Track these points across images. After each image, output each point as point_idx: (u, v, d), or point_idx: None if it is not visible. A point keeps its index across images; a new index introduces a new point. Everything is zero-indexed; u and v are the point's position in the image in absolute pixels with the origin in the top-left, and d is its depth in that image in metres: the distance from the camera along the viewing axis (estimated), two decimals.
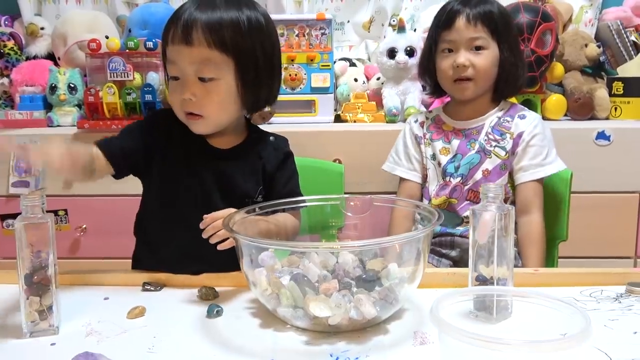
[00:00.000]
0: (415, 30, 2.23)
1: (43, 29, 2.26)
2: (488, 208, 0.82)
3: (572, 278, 0.98)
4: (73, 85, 2.00)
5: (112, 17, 2.30)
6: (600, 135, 1.77)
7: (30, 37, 2.26)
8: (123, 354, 0.75)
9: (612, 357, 0.72)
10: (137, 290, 0.99)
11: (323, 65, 1.96)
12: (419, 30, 2.18)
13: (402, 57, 1.95)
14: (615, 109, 2.00)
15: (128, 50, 1.92)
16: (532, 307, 0.74)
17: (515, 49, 1.41)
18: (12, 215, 1.85)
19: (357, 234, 1.05)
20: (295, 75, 1.94)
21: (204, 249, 0.95)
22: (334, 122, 1.99)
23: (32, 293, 0.80)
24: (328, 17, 1.97)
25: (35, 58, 2.22)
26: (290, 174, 1.19)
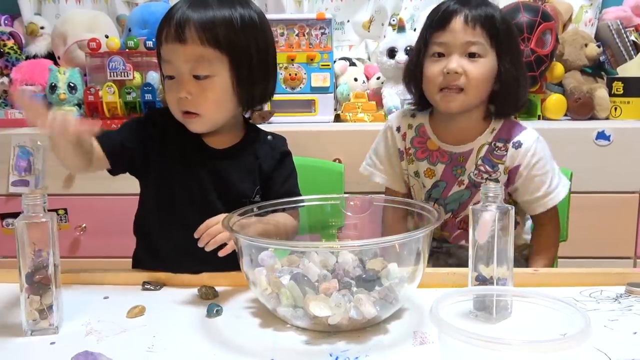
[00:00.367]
0: (415, 30, 2.23)
1: (43, 29, 2.26)
2: (488, 208, 0.82)
3: (572, 278, 0.98)
4: (73, 85, 2.00)
5: (112, 16, 2.30)
6: (600, 135, 1.77)
7: (30, 36, 2.26)
8: (123, 353, 0.75)
9: (611, 357, 0.72)
10: (137, 290, 0.99)
11: (323, 65, 1.96)
12: (419, 30, 2.17)
13: (402, 56, 1.95)
14: (615, 109, 2.00)
15: (128, 50, 1.92)
16: (531, 307, 0.74)
17: (517, 62, 1.23)
18: (12, 215, 1.85)
19: (357, 234, 1.05)
20: (295, 75, 1.94)
21: (204, 249, 0.95)
22: (334, 121, 2.00)
23: (32, 292, 0.80)
24: (328, 16, 1.97)
25: (35, 57, 2.22)
26: (288, 174, 1.19)
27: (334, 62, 2.10)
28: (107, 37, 2.05)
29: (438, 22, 1.22)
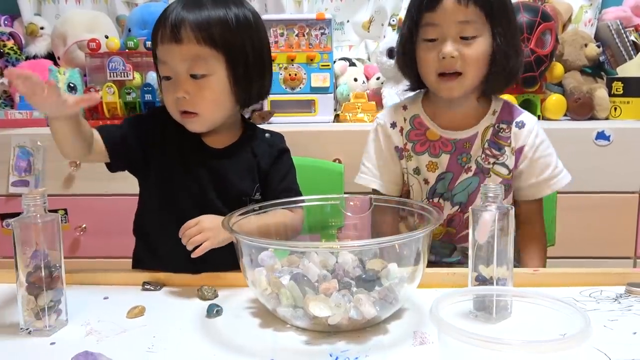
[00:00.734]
0: None
1: (43, 29, 2.27)
2: (488, 208, 0.82)
3: (571, 278, 0.98)
4: (73, 85, 2.00)
5: (111, 16, 2.31)
6: (600, 135, 1.77)
7: (30, 36, 2.26)
8: (123, 354, 0.75)
9: (611, 357, 0.72)
10: (136, 290, 0.99)
11: (323, 65, 1.96)
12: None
13: None
14: (615, 109, 2.00)
15: (128, 50, 1.92)
16: (531, 307, 0.74)
17: (510, 37, 1.16)
18: (12, 215, 1.85)
19: (356, 234, 1.05)
20: (295, 75, 1.94)
21: None
22: (334, 121, 2.00)
23: (28, 292, 0.80)
24: (328, 17, 1.97)
25: (35, 58, 2.22)
26: (286, 170, 1.19)
27: (334, 62, 2.10)
28: (107, 37, 2.06)
29: (429, 1, 1.14)
